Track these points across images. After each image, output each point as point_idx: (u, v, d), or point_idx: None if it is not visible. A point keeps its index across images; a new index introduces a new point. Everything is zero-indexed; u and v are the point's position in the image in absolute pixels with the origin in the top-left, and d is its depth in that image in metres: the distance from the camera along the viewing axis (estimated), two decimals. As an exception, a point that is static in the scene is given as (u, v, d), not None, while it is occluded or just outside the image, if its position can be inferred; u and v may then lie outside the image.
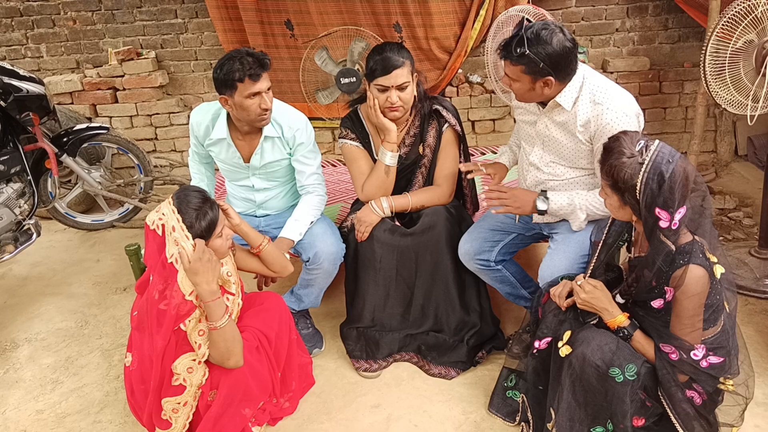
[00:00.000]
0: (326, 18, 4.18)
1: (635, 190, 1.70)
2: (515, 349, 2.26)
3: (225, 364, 1.99)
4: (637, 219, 1.79)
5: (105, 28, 4.60)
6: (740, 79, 2.75)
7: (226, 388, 2.02)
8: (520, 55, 2.05)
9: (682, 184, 1.67)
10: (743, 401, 1.90)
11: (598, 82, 2.15)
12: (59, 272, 3.67)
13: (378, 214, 2.53)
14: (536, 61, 2.04)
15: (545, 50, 2.03)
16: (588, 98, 2.13)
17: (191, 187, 2.03)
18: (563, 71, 2.09)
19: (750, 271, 2.98)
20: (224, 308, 1.97)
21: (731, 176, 4.33)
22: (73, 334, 3.01)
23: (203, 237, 1.95)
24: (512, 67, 2.11)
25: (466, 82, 4.41)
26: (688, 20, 4.18)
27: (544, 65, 2.05)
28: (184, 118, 4.65)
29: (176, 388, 1.98)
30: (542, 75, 2.08)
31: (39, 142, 3.40)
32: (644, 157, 1.69)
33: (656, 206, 1.68)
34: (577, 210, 2.24)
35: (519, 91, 2.19)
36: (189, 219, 1.92)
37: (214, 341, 1.97)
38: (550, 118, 2.24)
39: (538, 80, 2.10)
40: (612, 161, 1.74)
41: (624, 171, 1.71)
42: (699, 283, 1.70)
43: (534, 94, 2.17)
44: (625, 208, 1.79)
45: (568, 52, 2.06)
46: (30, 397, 2.57)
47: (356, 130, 2.63)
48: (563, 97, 2.15)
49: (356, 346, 2.59)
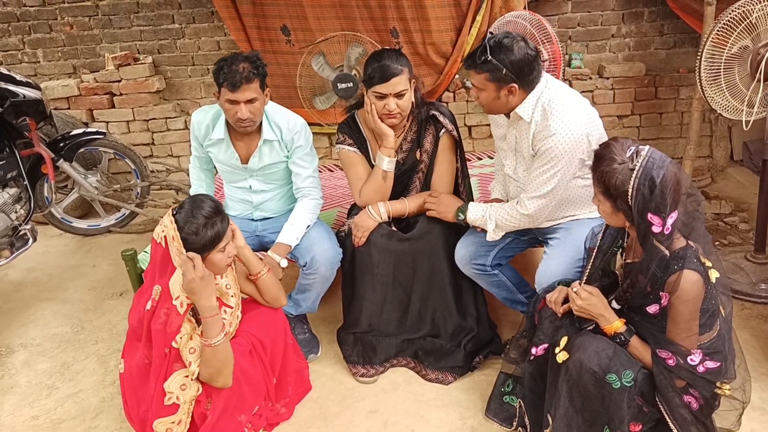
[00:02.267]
0: (323, 23, 4.18)
1: (627, 196, 1.71)
2: (512, 354, 2.25)
3: (213, 383, 1.97)
4: (630, 225, 1.80)
5: (102, 33, 4.61)
6: (735, 85, 2.77)
7: (222, 396, 2.00)
8: (483, 62, 2.12)
9: (673, 188, 1.69)
10: (740, 405, 1.90)
11: (553, 96, 2.17)
12: (55, 277, 3.66)
13: (375, 219, 2.53)
14: (499, 67, 2.11)
15: (507, 57, 2.10)
16: (540, 111, 2.17)
17: (207, 196, 2.02)
18: (526, 78, 2.14)
19: (746, 275, 2.99)
20: (221, 326, 1.96)
21: (727, 181, 4.35)
22: (69, 339, 3.00)
23: (205, 247, 1.94)
24: (477, 76, 2.18)
25: (462, 87, 4.42)
26: (683, 26, 4.20)
27: (507, 72, 2.11)
28: (181, 123, 4.65)
29: (169, 408, 1.95)
30: (506, 82, 2.14)
31: (35, 147, 3.39)
32: (635, 163, 1.70)
33: (648, 211, 1.69)
34: (488, 220, 2.34)
35: (485, 101, 2.24)
36: (195, 225, 1.91)
37: (206, 359, 1.94)
38: (516, 128, 2.29)
39: (502, 88, 2.16)
40: (603, 168, 1.75)
41: (615, 177, 1.72)
42: (694, 288, 1.71)
43: (500, 104, 2.22)
44: (618, 214, 1.80)
45: (531, 60, 2.12)
46: (25, 403, 2.56)
47: (353, 135, 2.64)
48: (522, 108, 2.20)
49: (353, 351, 2.58)
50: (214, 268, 1.99)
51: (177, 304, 1.91)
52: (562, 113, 2.11)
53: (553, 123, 2.11)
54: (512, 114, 2.24)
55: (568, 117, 2.11)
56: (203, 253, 1.94)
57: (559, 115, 2.11)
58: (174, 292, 1.92)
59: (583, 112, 2.15)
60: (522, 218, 2.29)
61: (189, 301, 1.93)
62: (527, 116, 2.20)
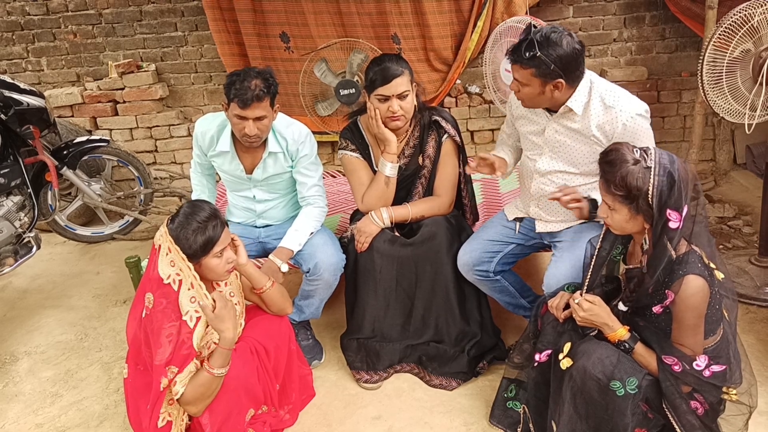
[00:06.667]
0: (324, 30, 4.19)
1: (648, 195, 1.71)
2: (516, 359, 2.25)
3: (188, 407, 1.95)
4: (648, 228, 1.79)
5: (105, 42, 4.63)
6: (737, 88, 2.76)
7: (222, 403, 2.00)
8: (530, 57, 2.05)
9: (686, 181, 1.70)
10: (747, 410, 1.89)
11: (606, 86, 2.18)
12: (59, 285, 3.66)
13: (378, 225, 2.53)
14: (547, 62, 2.04)
15: (556, 52, 2.03)
16: (598, 102, 2.15)
17: (205, 202, 2.02)
18: (573, 74, 2.09)
19: (750, 279, 2.98)
20: (230, 361, 1.97)
21: (730, 185, 4.34)
22: (73, 347, 3.00)
23: (198, 253, 1.93)
24: (522, 71, 2.11)
25: (464, 92, 4.43)
26: (685, 30, 4.20)
27: (554, 67, 2.05)
28: (184, 131, 4.67)
29: (164, 428, 1.95)
30: (552, 78, 2.08)
31: (39, 155, 3.40)
32: (649, 162, 1.71)
33: (668, 207, 1.70)
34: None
35: (528, 96, 2.18)
36: (187, 231, 1.91)
37: (200, 383, 1.93)
38: (561, 123, 2.23)
39: (548, 83, 2.10)
40: (621, 172, 1.74)
41: (636, 177, 1.72)
42: (698, 292, 1.70)
43: (543, 99, 2.16)
44: (636, 218, 1.78)
45: (578, 55, 2.07)
46: (29, 411, 2.56)
47: (356, 141, 2.64)
48: (574, 102, 2.15)
49: (357, 357, 2.58)
50: (211, 273, 1.99)
51: (187, 319, 1.92)
52: (623, 98, 2.13)
53: (623, 107, 2.11)
54: (562, 108, 2.19)
55: (629, 99, 2.14)
56: (197, 258, 1.93)
57: (622, 100, 2.13)
58: (183, 308, 1.92)
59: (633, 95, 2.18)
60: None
61: (198, 315, 1.93)
62: (579, 110, 2.16)
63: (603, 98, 2.14)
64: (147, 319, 1.94)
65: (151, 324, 1.92)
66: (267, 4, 4.17)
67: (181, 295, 1.91)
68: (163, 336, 1.89)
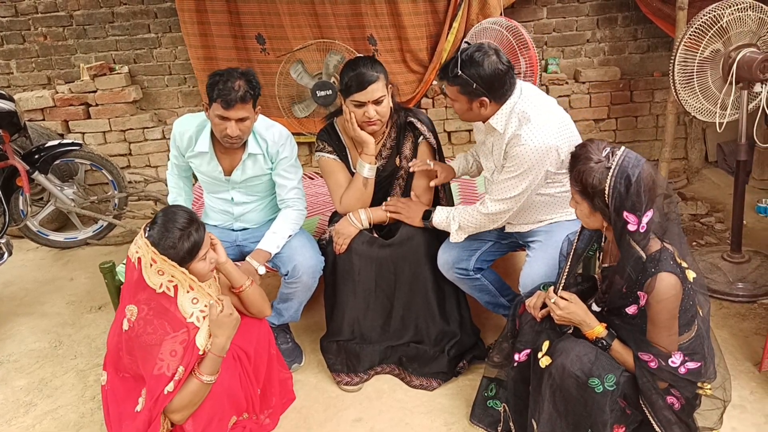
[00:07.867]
0: (300, 31, 4.18)
1: (604, 195, 1.73)
2: (495, 358, 2.26)
3: (172, 414, 1.93)
4: (607, 226, 1.82)
5: (77, 44, 4.55)
6: (708, 88, 2.82)
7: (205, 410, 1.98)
8: (454, 75, 2.15)
9: (648, 187, 1.71)
10: (721, 404, 1.92)
11: (526, 107, 2.18)
12: (32, 292, 3.59)
13: (356, 226, 2.53)
14: (469, 82, 2.14)
15: (477, 72, 2.12)
16: (515, 121, 2.19)
17: (179, 207, 2.00)
18: (497, 92, 2.17)
19: (723, 275, 3.03)
20: (219, 370, 1.97)
21: (702, 182, 4.42)
22: (47, 354, 2.95)
23: (185, 259, 1.92)
24: (450, 88, 2.22)
25: (441, 93, 4.45)
26: (656, 31, 4.27)
27: (477, 86, 2.14)
28: (159, 133, 4.61)
29: None
30: (477, 96, 2.17)
31: (10, 159, 3.34)
32: (611, 162, 1.73)
33: (624, 210, 1.71)
34: (451, 222, 2.38)
35: (459, 111, 2.28)
36: (172, 240, 1.89)
37: (187, 390, 1.92)
38: (492, 137, 2.32)
39: (473, 101, 2.19)
40: (580, 167, 1.77)
41: (592, 176, 1.74)
42: (671, 290, 1.73)
43: (472, 114, 2.25)
44: (595, 214, 1.82)
45: (502, 74, 2.14)
46: (2, 421, 2.51)
47: (333, 142, 2.63)
48: (495, 120, 2.23)
49: (337, 359, 2.57)
50: (198, 277, 1.98)
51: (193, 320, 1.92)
52: (534, 124, 2.13)
53: (524, 133, 2.13)
54: (486, 125, 2.27)
55: (539, 129, 2.13)
56: (183, 264, 1.93)
57: (531, 125, 2.13)
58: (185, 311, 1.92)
59: (554, 124, 2.16)
60: (483, 218, 2.32)
61: (204, 314, 1.93)
62: (500, 127, 2.22)
63: (519, 119, 2.18)
64: (132, 331, 1.91)
65: (138, 338, 1.90)
66: (243, 5, 4.14)
67: (179, 299, 1.91)
68: (164, 351, 1.88)
